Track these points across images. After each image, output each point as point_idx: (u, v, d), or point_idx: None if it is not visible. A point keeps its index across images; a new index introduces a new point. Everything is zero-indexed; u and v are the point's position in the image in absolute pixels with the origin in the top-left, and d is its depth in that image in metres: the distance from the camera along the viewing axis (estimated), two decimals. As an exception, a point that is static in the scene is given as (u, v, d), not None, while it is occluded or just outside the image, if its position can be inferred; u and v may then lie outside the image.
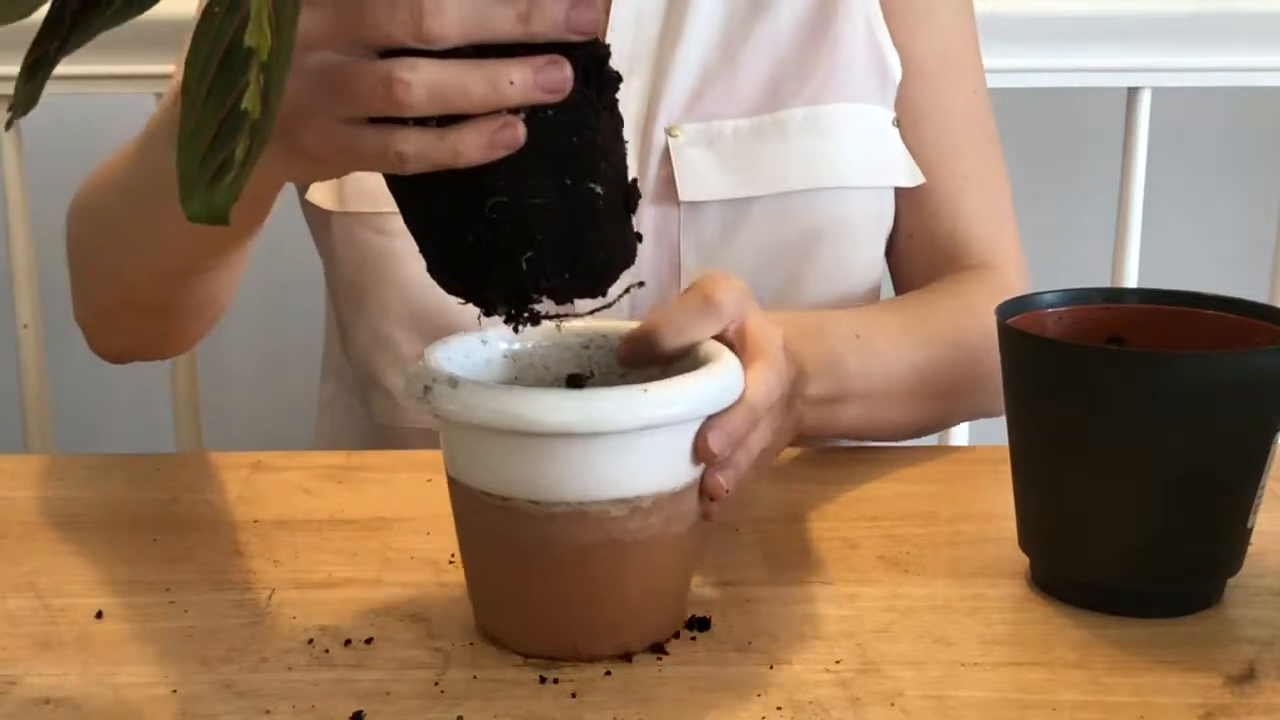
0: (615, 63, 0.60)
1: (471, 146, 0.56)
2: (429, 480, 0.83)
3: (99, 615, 0.66)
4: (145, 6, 0.54)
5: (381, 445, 1.00)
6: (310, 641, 0.64)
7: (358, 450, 1.05)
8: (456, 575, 0.70)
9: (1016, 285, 0.96)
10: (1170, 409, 0.62)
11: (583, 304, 0.60)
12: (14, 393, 1.32)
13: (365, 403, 1.00)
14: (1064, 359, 0.65)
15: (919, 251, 0.99)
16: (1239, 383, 0.62)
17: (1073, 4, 1.26)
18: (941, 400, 0.90)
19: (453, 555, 0.73)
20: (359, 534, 0.76)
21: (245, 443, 1.80)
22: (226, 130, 0.51)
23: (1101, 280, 1.36)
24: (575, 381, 0.67)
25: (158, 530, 0.76)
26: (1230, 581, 0.68)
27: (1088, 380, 0.64)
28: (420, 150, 0.56)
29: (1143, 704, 0.59)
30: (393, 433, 0.98)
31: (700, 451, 0.61)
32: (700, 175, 0.93)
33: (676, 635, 0.63)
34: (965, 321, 0.91)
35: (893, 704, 0.58)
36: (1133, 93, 1.31)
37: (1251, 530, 0.67)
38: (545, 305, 0.59)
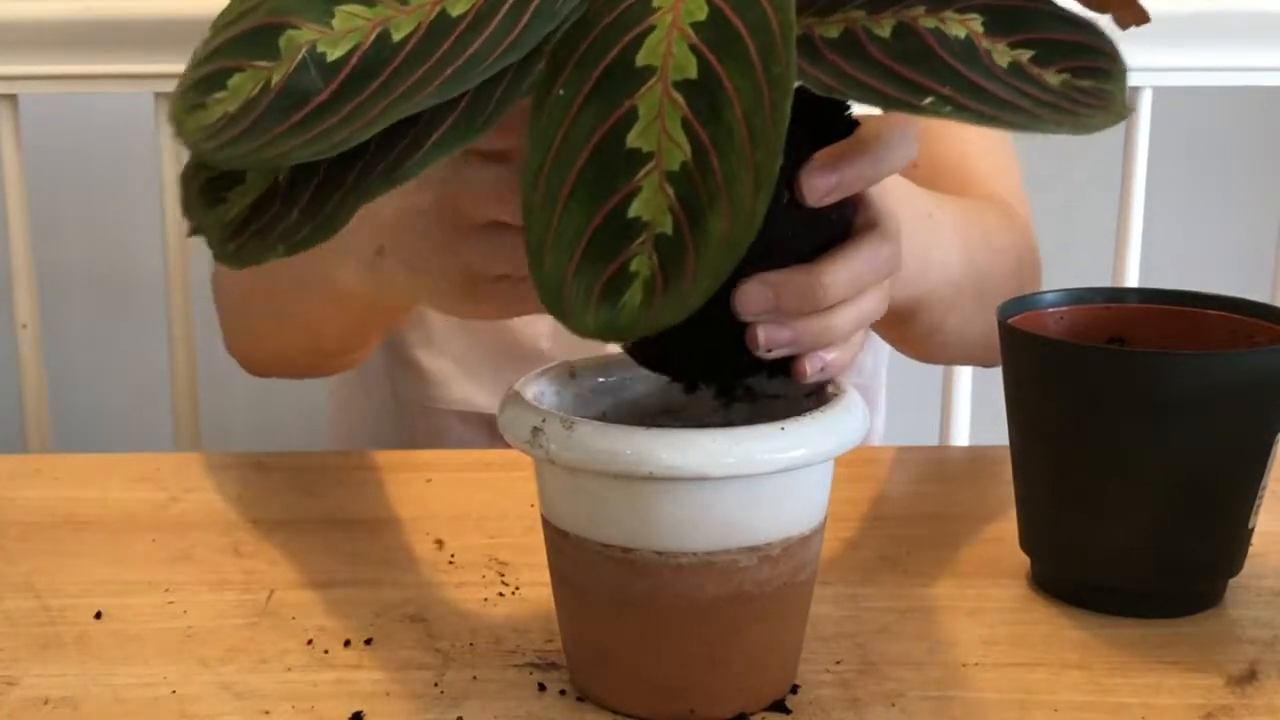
0: None
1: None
2: (429, 480, 0.83)
3: (98, 615, 0.66)
4: (369, 194, 0.48)
5: (400, 428, 1.01)
6: (310, 642, 0.64)
7: (371, 437, 1.05)
8: (456, 575, 0.70)
9: (1029, 223, 0.96)
10: (1170, 409, 0.62)
11: None
12: (14, 393, 1.32)
13: (391, 383, 1.01)
14: (1064, 359, 0.65)
15: (922, 182, 0.99)
16: (1239, 383, 0.62)
17: (1072, 4, 1.25)
18: (986, 293, 0.90)
19: (453, 555, 0.73)
20: (359, 534, 0.76)
21: (245, 443, 1.81)
22: (605, 241, 0.46)
23: (1102, 280, 1.35)
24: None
25: (158, 530, 0.76)
26: (1231, 582, 0.68)
27: (1088, 380, 0.64)
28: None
29: (1143, 705, 0.59)
30: (419, 411, 0.99)
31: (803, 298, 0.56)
32: None
33: (794, 690, 0.60)
34: (1011, 224, 0.91)
35: (893, 704, 0.58)
36: (1133, 92, 1.31)
37: (1252, 530, 0.67)
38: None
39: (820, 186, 0.54)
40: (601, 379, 0.62)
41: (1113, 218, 1.34)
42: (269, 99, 0.46)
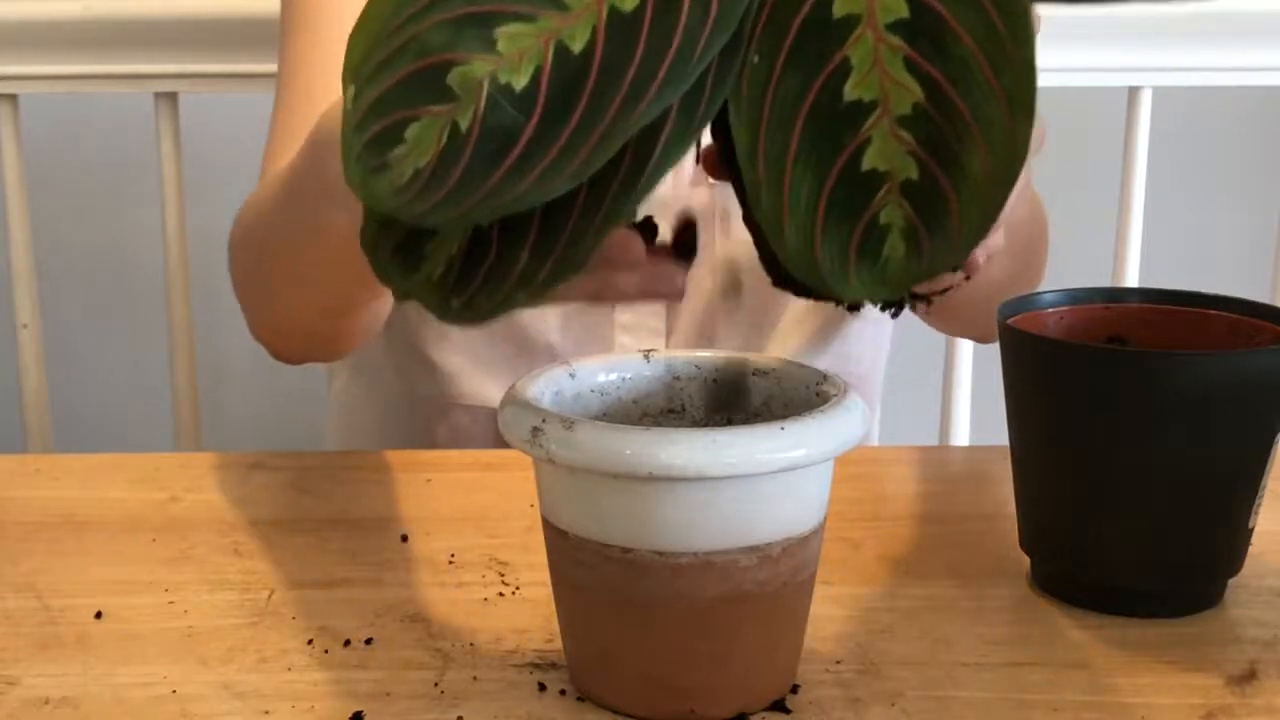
0: None
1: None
2: (429, 480, 0.83)
3: (99, 615, 0.66)
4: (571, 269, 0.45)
5: (412, 426, 1.01)
6: (310, 641, 0.64)
7: (375, 436, 1.05)
8: (456, 575, 0.70)
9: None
10: (1170, 409, 0.62)
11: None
12: (14, 393, 1.32)
13: (406, 381, 1.01)
14: (1064, 359, 0.65)
15: None
16: (1239, 383, 0.62)
17: (1073, 4, 1.25)
18: (1024, 255, 0.91)
19: (453, 555, 0.73)
20: (359, 534, 0.76)
21: (245, 442, 1.81)
22: (846, 195, 0.44)
23: (1102, 280, 1.36)
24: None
25: (158, 530, 0.76)
26: (1231, 581, 0.68)
27: (1088, 380, 0.64)
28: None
29: (1144, 704, 0.59)
30: (436, 408, 0.99)
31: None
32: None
33: (794, 690, 0.60)
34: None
35: (893, 704, 0.58)
36: (1133, 92, 1.31)
37: (1252, 530, 0.67)
38: None
39: None
40: (602, 379, 0.63)
41: (1113, 218, 1.34)
42: (471, 145, 0.43)
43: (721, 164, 0.55)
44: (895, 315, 0.57)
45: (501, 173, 0.43)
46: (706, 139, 0.51)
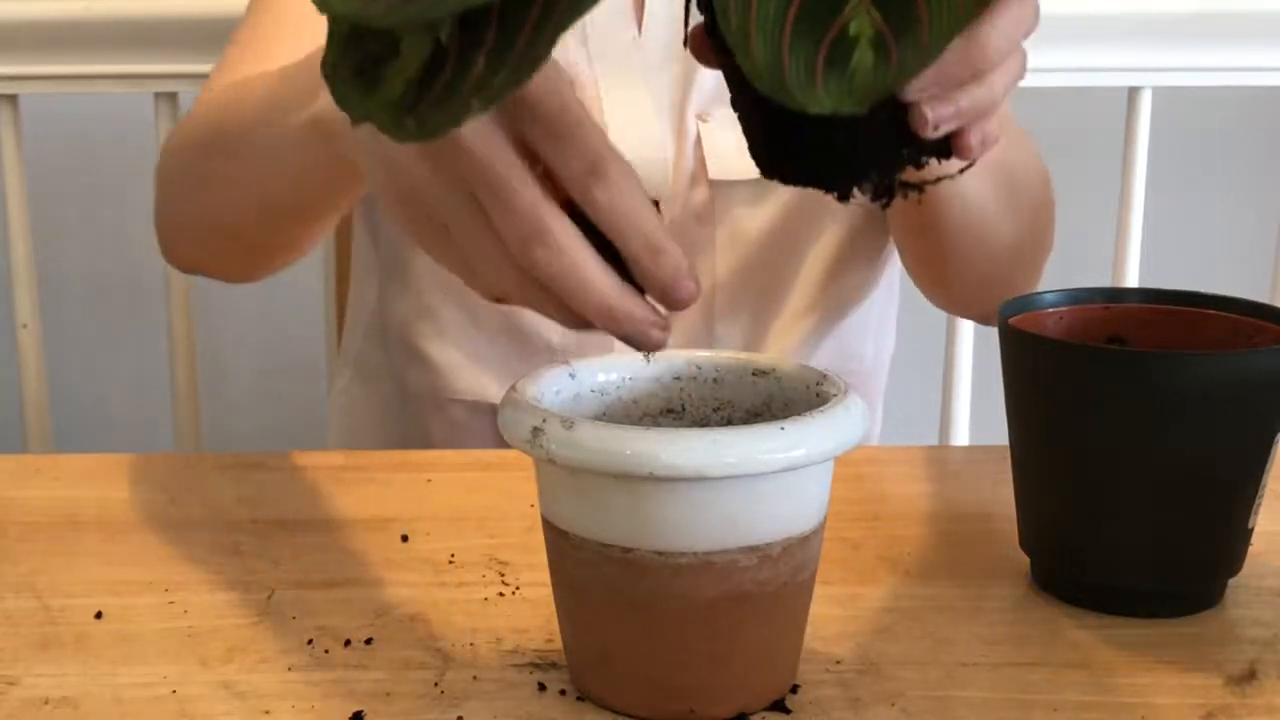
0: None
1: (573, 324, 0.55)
2: (429, 480, 0.83)
3: (99, 615, 0.66)
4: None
5: (406, 425, 1.01)
6: (310, 641, 0.64)
7: (375, 436, 1.05)
8: (456, 575, 0.70)
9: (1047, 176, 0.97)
10: (1170, 409, 0.62)
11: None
12: (14, 393, 1.32)
13: (398, 376, 1.01)
14: (1064, 359, 0.65)
15: None
16: (1239, 383, 0.62)
17: (1073, 4, 1.26)
18: (1016, 196, 0.91)
19: (453, 555, 0.73)
20: (359, 534, 0.76)
21: (245, 442, 1.81)
22: (814, 6, 0.43)
23: (1101, 280, 1.36)
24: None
25: (158, 530, 0.76)
26: (1231, 581, 0.68)
27: (1088, 380, 0.64)
28: (530, 302, 0.55)
29: (1144, 704, 0.59)
30: (429, 404, 0.99)
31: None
32: (729, 157, 0.94)
33: (794, 690, 0.60)
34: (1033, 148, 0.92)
35: (893, 704, 0.58)
36: (1133, 93, 1.31)
37: (1252, 530, 0.67)
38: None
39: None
40: (601, 379, 0.62)
41: (1113, 218, 1.34)
42: None
43: (709, 46, 0.54)
44: (885, 205, 0.56)
45: None
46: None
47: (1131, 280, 1.33)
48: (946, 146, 0.56)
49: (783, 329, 0.99)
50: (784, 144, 0.54)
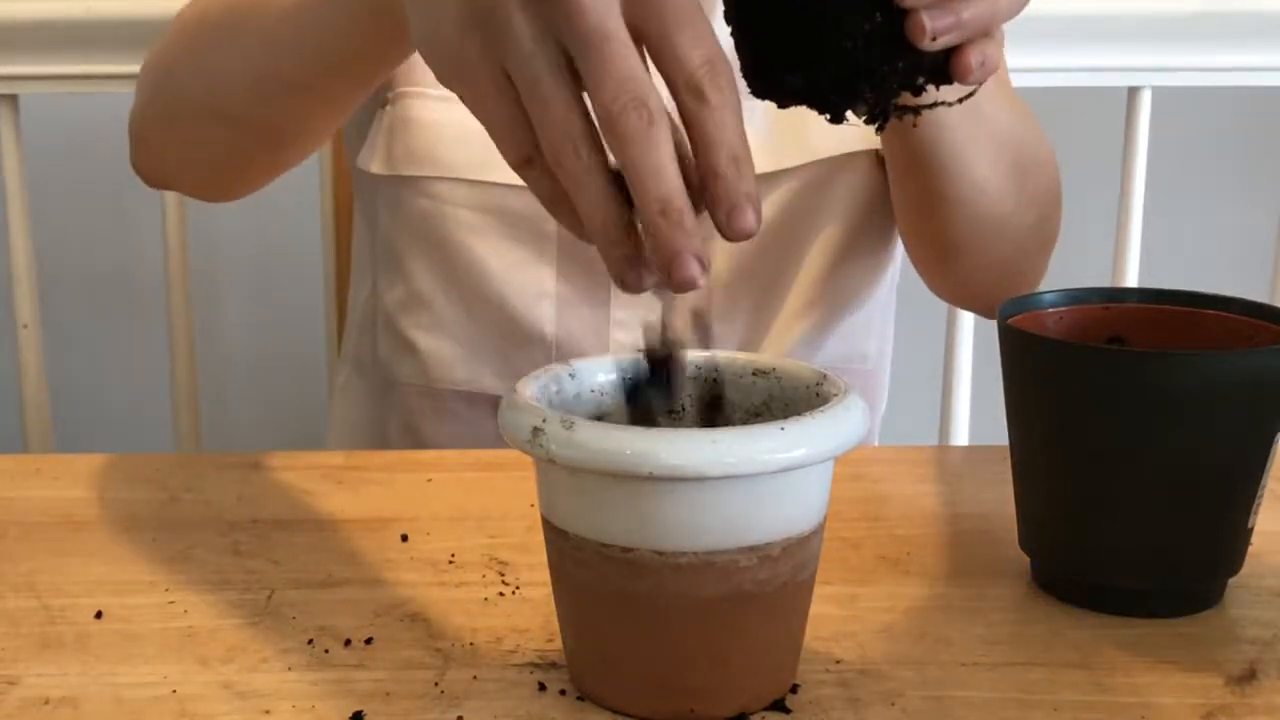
0: None
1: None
2: (429, 480, 0.83)
3: (99, 615, 0.66)
4: None
5: (404, 419, 1.01)
6: (310, 641, 0.64)
7: (373, 430, 1.05)
8: (456, 575, 0.70)
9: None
10: (1170, 409, 0.62)
11: None
12: (14, 393, 1.32)
13: (388, 368, 1.01)
14: (1064, 359, 0.65)
15: None
16: (1239, 383, 0.62)
17: (1073, 4, 1.26)
18: (1021, 174, 0.90)
19: (453, 555, 0.73)
20: (359, 534, 0.76)
21: (245, 442, 1.81)
22: None
23: (1101, 280, 1.36)
24: (637, 401, 0.62)
25: (158, 530, 0.76)
26: (1231, 581, 0.68)
27: (1088, 380, 0.64)
28: (548, 195, 0.54)
29: (1143, 704, 0.59)
30: (419, 393, 0.99)
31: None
32: None
33: (794, 690, 0.60)
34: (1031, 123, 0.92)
35: (893, 704, 0.58)
36: (1133, 93, 1.31)
37: (1252, 530, 0.67)
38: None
39: None
40: (601, 379, 0.62)
41: (1113, 218, 1.34)
42: None
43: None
44: (880, 129, 0.55)
45: None
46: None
47: (1131, 280, 1.33)
48: (945, 71, 0.54)
49: (782, 328, 0.99)
50: (777, 60, 0.53)
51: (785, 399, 0.62)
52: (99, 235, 1.79)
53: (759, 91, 0.54)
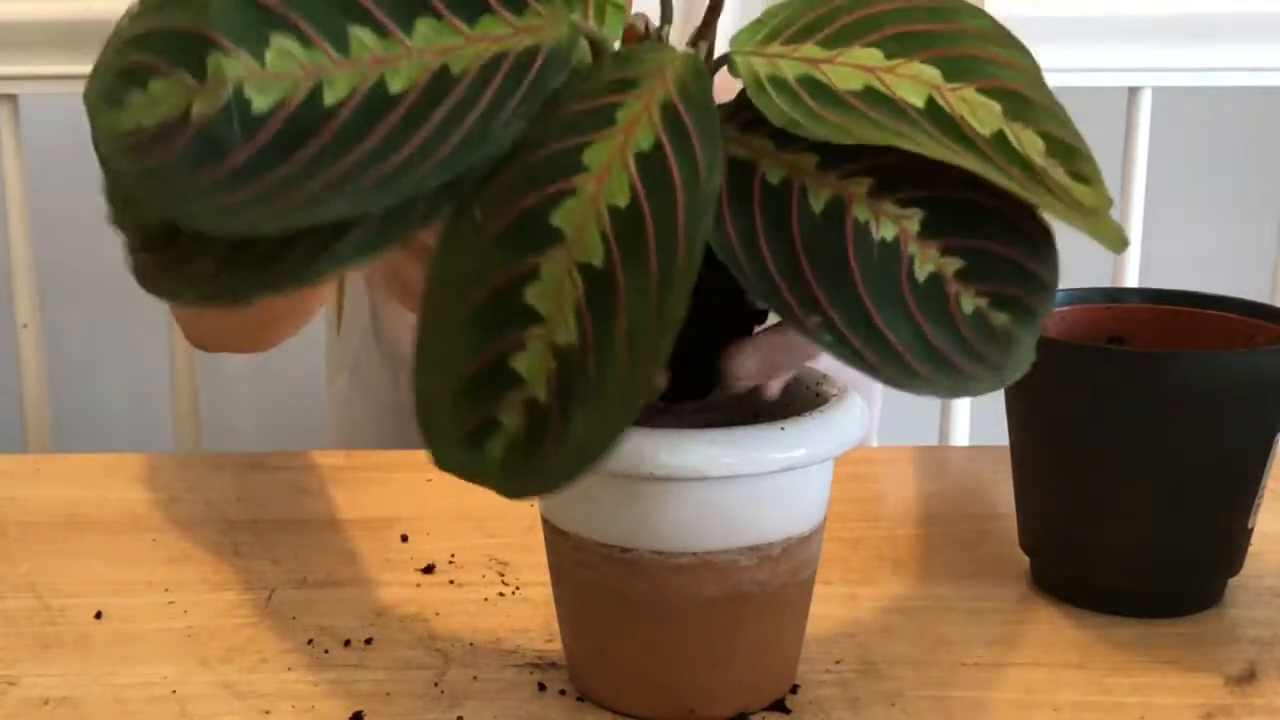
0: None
1: None
2: (429, 480, 0.83)
3: (99, 615, 0.66)
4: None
5: (404, 427, 1.01)
6: (310, 641, 0.64)
7: (373, 437, 1.05)
8: (457, 575, 0.70)
9: None
10: (1170, 409, 0.62)
11: None
12: (14, 393, 1.32)
13: (394, 384, 1.01)
14: (1064, 359, 0.65)
15: None
16: (1239, 383, 0.62)
17: (1073, 4, 1.26)
18: None
19: (453, 555, 0.73)
20: (359, 534, 0.76)
21: (245, 442, 1.81)
22: (484, 382, 0.42)
23: (1102, 280, 1.36)
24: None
25: (158, 530, 0.76)
26: (1231, 581, 0.68)
27: (1088, 380, 0.64)
28: None
29: (1143, 704, 0.59)
30: None
31: None
32: None
33: (794, 690, 0.60)
34: None
35: (893, 704, 0.58)
36: (1133, 93, 1.31)
37: (1251, 530, 0.67)
38: None
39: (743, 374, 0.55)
40: None
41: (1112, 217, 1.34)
42: (185, 140, 0.41)
43: None
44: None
45: (196, 187, 0.41)
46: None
47: (1131, 280, 1.33)
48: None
49: None
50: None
51: (785, 399, 0.62)
52: (99, 235, 1.79)
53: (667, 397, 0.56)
